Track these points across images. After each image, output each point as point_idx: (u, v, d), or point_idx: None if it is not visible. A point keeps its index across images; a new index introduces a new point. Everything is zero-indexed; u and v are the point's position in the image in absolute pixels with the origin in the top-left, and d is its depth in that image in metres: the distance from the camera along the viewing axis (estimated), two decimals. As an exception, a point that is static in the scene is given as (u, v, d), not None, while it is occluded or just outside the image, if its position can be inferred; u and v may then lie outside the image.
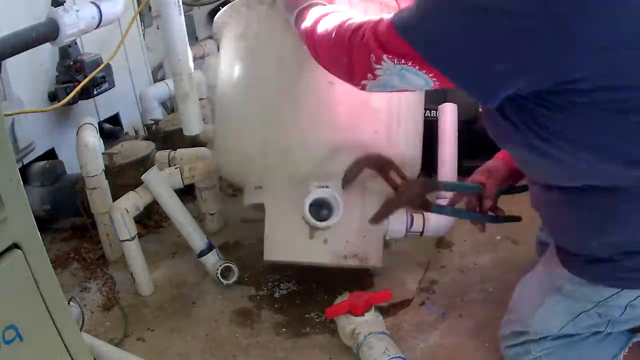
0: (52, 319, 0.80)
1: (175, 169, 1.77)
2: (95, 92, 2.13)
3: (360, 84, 1.06)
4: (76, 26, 1.88)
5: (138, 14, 2.40)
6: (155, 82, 2.73)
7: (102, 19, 2.01)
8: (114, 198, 1.74)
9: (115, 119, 2.49)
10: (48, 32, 1.82)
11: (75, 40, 2.06)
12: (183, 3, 1.65)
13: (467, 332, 1.41)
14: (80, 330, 1.35)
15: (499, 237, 1.75)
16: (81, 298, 1.69)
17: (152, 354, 1.46)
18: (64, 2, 1.95)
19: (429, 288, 1.60)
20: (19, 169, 1.32)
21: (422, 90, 1.01)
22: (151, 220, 2.06)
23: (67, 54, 2.08)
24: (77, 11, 1.89)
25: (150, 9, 2.67)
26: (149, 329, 1.57)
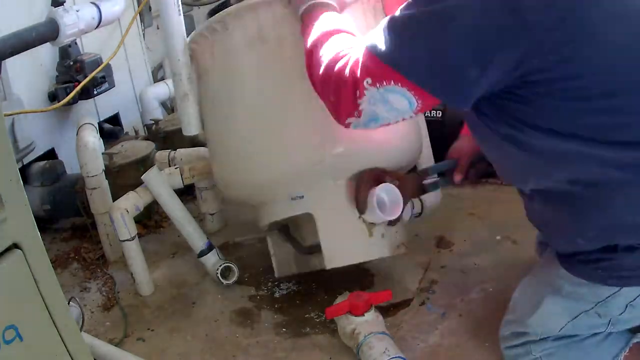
0: (52, 319, 0.80)
1: (175, 169, 1.76)
2: (95, 92, 2.14)
3: (345, 123, 1.09)
4: (76, 26, 1.88)
5: (138, 14, 2.40)
6: (155, 82, 2.73)
7: (102, 19, 2.01)
8: (114, 198, 1.74)
9: (115, 119, 2.50)
10: (48, 32, 1.82)
11: (75, 40, 2.06)
12: (183, 3, 1.65)
13: (467, 332, 1.41)
14: (80, 330, 1.36)
15: (499, 237, 1.75)
16: (81, 298, 1.69)
17: (152, 354, 1.46)
18: (64, 2, 1.96)
19: (429, 288, 1.60)
20: (19, 169, 1.33)
21: (406, 117, 1.04)
22: (151, 220, 2.06)
23: (67, 54, 2.08)
24: (77, 11, 1.89)
25: (150, 9, 2.67)
26: (149, 329, 1.57)
